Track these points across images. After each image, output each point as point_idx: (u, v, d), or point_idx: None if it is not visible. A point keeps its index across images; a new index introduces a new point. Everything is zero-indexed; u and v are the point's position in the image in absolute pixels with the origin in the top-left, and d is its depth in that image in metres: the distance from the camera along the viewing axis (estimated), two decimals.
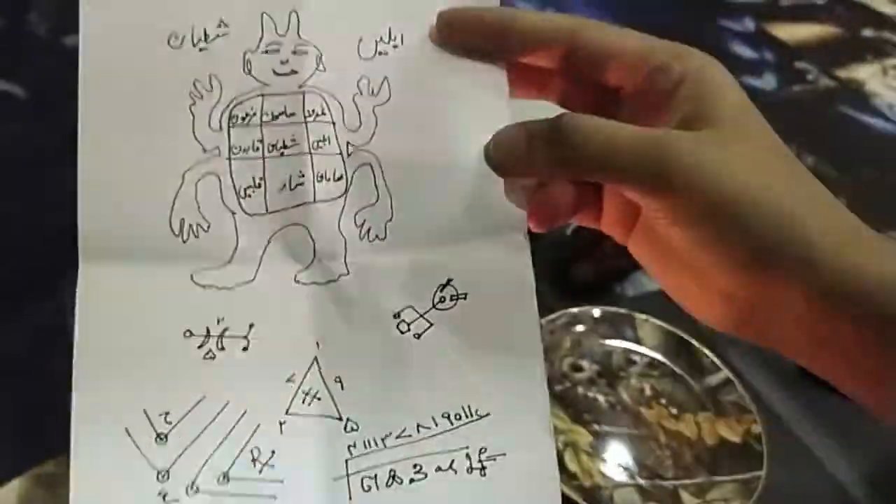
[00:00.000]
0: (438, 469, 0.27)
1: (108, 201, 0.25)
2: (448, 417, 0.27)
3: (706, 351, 0.62)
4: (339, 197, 0.27)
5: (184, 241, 0.26)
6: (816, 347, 0.25)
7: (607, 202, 0.30)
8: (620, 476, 0.53)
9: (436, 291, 0.28)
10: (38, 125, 0.78)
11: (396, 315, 0.27)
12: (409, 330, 0.27)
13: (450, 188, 0.28)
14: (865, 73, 1.07)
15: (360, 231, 0.27)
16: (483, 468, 0.27)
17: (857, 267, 0.23)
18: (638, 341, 0.63)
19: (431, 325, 0.28)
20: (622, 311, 0.64)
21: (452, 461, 0.27)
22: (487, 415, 0.28)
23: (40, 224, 0.66)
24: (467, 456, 0.27)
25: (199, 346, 0.26)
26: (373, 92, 0.28)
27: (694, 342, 0.62)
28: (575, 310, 0.64)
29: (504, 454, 0.28)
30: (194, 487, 0.25)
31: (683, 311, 0.70)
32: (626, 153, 0.24)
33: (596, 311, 0.64)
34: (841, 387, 0.26)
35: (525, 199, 0.29)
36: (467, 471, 0.27)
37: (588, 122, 0.25)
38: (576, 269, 0.68)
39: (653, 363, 0.62)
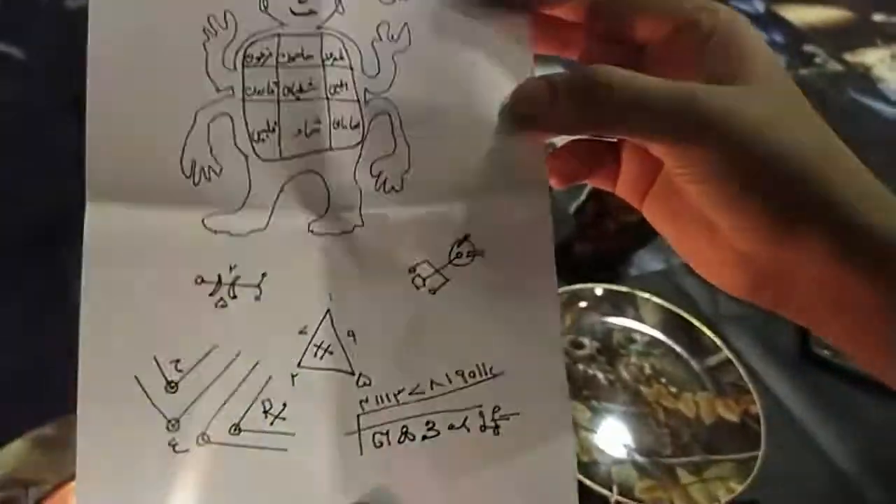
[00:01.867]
0: (451, 427, 0.27)
1: (117, 139, 0.24)
2: (462, 375, 0.27)
3: (707, 331, 0.62)
4: (356, 145, 0.26)
5: (195, 184, 0.25)
6: (835, 313, 0.25)
7: (626, 163, 0.30)
8: (618, 453, 0.53)
9: (452, 246, 0.27)
10: (38, 88, 0.77)
11: (412, 269, 0.27)
12: (424, 285, 0.27)
13: (469, 141, 0.27)
14: (874, 58, 1.06)
15: (376, 182, 0.27)
16: (496, 427, 0.27)
17: (887, 230, 0.23)
18: (639, 320, 0.63)
19: (447, 280, 0.27)
20: (624, 289, 0.64)
21: (466, 419, 0.27)
22: (502, 373, 0.27)
23: (40, 186, 0.65)
24: (480, 414, 0.27)
25: (211, 294, 0.25)
26: (392, 38, 0.27)
27: (695, 322, 0.62)
28: (577, 287, 0.63)
29: (518, 413, 0.27)
30: (205, 437, 0.25)
31: (684, 291, 0.70)
32: (658, 106, 0.24)
33: (598, 289, 0.64)
34: (856, 357, 0.25)
35: (546, 153, 0.28)
36: (480, 429, 0.27)
37: (617, 75, 0.24)
38: (577, 248, 0.68)
39: (653, 342, 0.62)
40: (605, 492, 0.48)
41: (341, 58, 0.26)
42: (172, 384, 0.24)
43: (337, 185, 0.26)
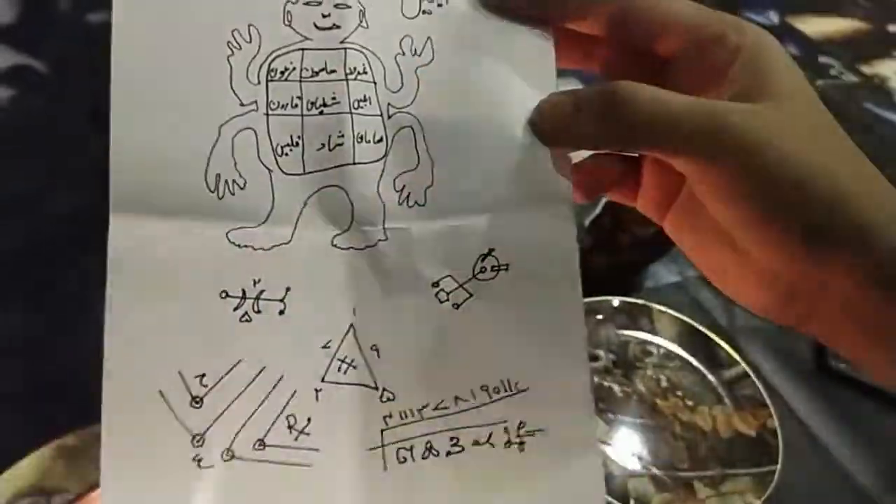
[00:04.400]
0: (476, 443, 0.27)
1: (142, 152, 0.24)
2: (487, 390, 0.27)
3: (723, 344, 0.62)
4: (379, 160, 0.26)
5: (219, 198, 0.25)
6: (862, 336, 0.24)
7: (647, 178, 0.30)
8: (634, 466, 0.53)
9: (476, 261, 0.27)
10: (59, 100, 0.78)
11: (435, 284, 0.27)
12: (447, 300, 0.27)
13: (493, 155, 0.27)
14: (890, 69, 1.06)
15: (400, 196, 0.26)
16: (521, 443, 0.27)
17: None
18: (655, 332, 0.63)
19: (471, 295, 0.27)
20: (640, 301, 0.64)
21: (490, 435, 0.27)
22: (527, 389, 0.27)
23: (63, 196, 0.66)
24: (505, 430, 0.27)
25: (236, 308, 0.25)
26: (415, 52, 0.27)
27: (711, 335, 0.62)
28: (592, 299, 0.63)
29: (543, 430, 0.27)
30: (229, 453, 0.25)
31: (700, 303, 0.70)
32: (682, 124, 0.23)
33: (614, 301, 0.64)
34: (886, 381, 0.25)
35: (570, 167, 0.28)
36: (505, 445, 0.27)
37: (642, 91, 0.24)
38: (593, 260, 0.68)
39: (669, 355, 0.62)
40: None
41: (364, 72, 0.26)
42: (197, 399, 0.24)
43: (360, 199, 0.26)
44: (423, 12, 0.27)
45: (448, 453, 0.27)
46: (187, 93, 0.25)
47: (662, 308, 0.64)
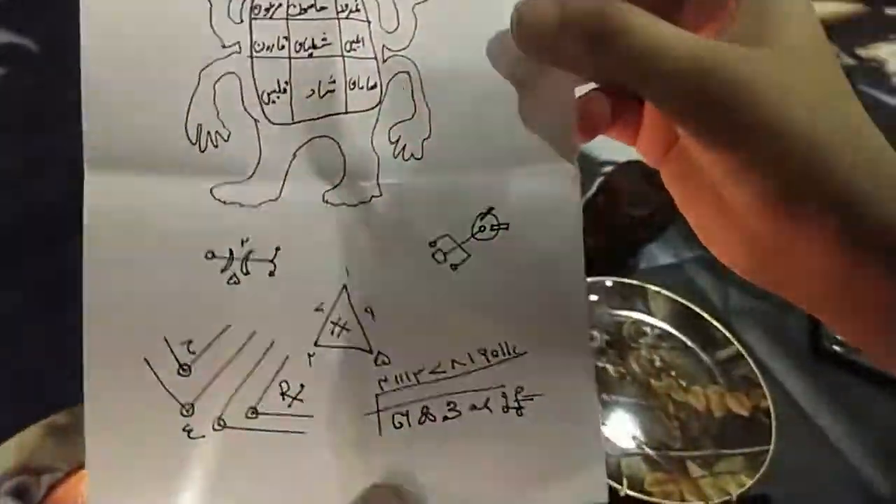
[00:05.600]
0: (473, 407, 0.26)
1: (116, 104, 0.22)
2: (484, 354, 0.26)
3: (717, 324, 0.61)
4: (373, 108, 0.24)
5: (201, 151, 0.23)
6: (841, 302, 0.23)
7: (647, 118, 0.28)
8: (628, 445, 0.53)
9: (475, 220, 0.26)
10: (50, 80, 0.77)
11: (432, 244, 0.25)
12: (445, 260, 0.26)
13: (494, 105, 0.25)
14: (887, 52, 1.05)
15: (395, 148, 0.25)
16: (519, 408, 0.26)
17: None
18: (649, 313, 0.63)
19: (469, 255, 0.26)
20: (634, 282, 0.63)
21: (487, 399, 0.26)
22: (525, 353, 0.26)
23: (49, 178, 0.65)
24: (503, 395, 0.26)
25: (223, 270, 0.24)
26: None
27: (705, 315, 0.62)
28: (587, 279, 0.63)
29: (542, 394, 0.26)
30: (221, 422, 0.24)
31: (695, 284, 0.70)
32: (667, 65, 0.22)
33: (608, 282, 0.63)
34: (864, 350, 0.24)
35: (577, 122, 0.26)
36: (503, 410, 0.26)
37: (636, 19, 0.22)
38: (587, 241, 0.67)
39: (663, 335, 0.62)
40: (615, 485, 0.48)
41: (357, 9, 0.24)
42: (185, 367, 0.23)
43: (353, 151, 0.24)
44: None
45: (445, 418, 0.26)
46: (163, 35, 0.23)
47: (657, 288, 0.63)
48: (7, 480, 0.42)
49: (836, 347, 0.64)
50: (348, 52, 0.24)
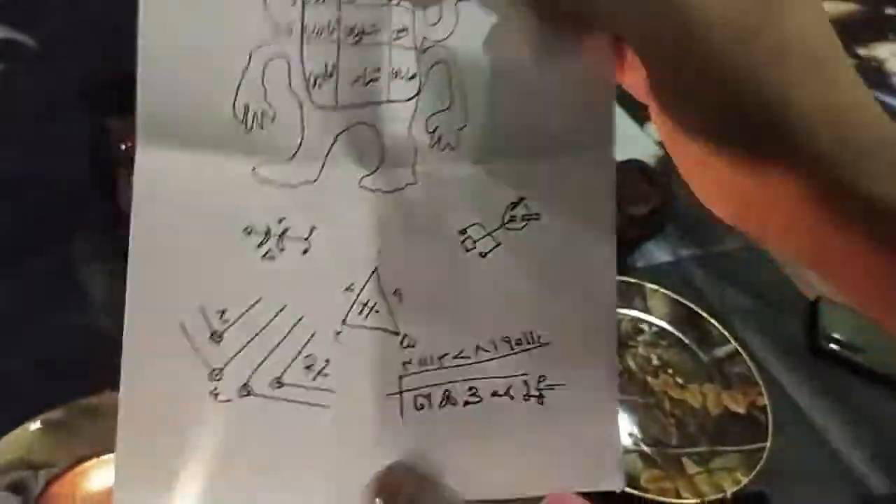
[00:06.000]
0: (495, 394, 0.26)
1: (170, 79, 0.23)
2: (509, 342, 0.26)
3: (715, 322, 0.62)
4: (412, 98, 0.25)
5: (247, 130, 0.24)
6: (821, 252, 0.22)
7: (627, 50, 0.26)
8: (625, 442, 0.53)
9: (506, 210, 0.26)
10: (49, 77, 0.77)
11: (462, 231, 0.26)
12: (474, 248, 0.26)
13: (530, 97, 0.25)
14: (886, 52, 1.05)
15: (431, 138, 0.25)
16: (541, 396, 0.26)
17: (875, 180, 0.20)
18: (647, 311, 0.63)
19: (499, 244, 0.26)
20: (632, 280, 0.64)
21: (510, 387, 0.26)
22: (549, 343, 0.26)
23: (49, 177, 0.65)
24: (525, 383, 0.26)
25: (259, 245, 0.24)
26: None
27: (703, 313, 0.62)
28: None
29: (564, 385, 0.27)
30: (246, 389, 0.24)
31: (692, 283, 0.70)
32: None
33: None
34: (852, 303, 0.23)
35: (613, 108, 0.26)
36: (524, 398, 0.26)
37: None
38: None
39: (661, 333, 0.62)
40: None
41: None
42: (217, 334, 0.24)
43: (391, 139, 0.25)
44: None
45: (466, 403, 0.26)
46: (218, 15, 0.23)
47: (655, 287, 0.63)
48: (5, 475, 0.42)
49: (833, 346, 0.64)
50: (394, 40, 0.25)
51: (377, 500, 0.25)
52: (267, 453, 0.25)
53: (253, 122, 0.24)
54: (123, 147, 0.53)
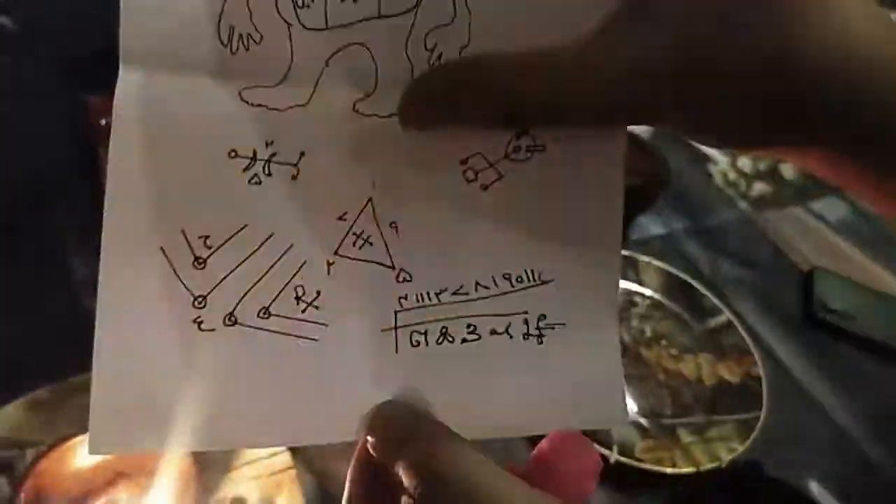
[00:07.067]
0: (493, 332, 0.25)
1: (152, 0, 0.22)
2: (509, 279, 0.25)
3: (708, 293, 0.61)
4: (409, 11, 0.23)
5: (232, 53, 0.23)
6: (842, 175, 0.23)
7: None
8: None
9: (510, 140, 0.24)
10: (28, 58, 0.76)
11: (463, 161, 0.24)
12: (475, 179, 0.25)
13: (539, 12, 0.23)
14: None
15: (431, 56, 0.23)
16: (540, 335, 0.26)
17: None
18: (640, 283, 0.62)
19: (501, 176, 0.25)
20: (625, 253, 0.63)
21: (509, 325, 0.26)
22: (551, 280, 0.25)
23: (29, 156, 0.64)
24: (525, 321, 0.26)
25: (245, 169, 0.23)
26: None
27: (696, 285, 0.62)
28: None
29: (564, 324, 0.26)
30: (232, 318, 0.24)
31: (686, 255, 0.69)
32: None
33: None
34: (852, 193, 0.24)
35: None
36: (523, 336, 0.26)
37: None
38: None
39: (654, 305, 0.61)
40: (605, 451, 0.48)
41: None
42: (200, 260, 0.23)
43: (386, 59, 0.23)
44: None
45: (463, 340, 0.25)
46: None
47: (647, 259, 0.63)
48: None
49: (827, 315, 0.64)
50: None
51: (369, 438, 0.24)
52: (254, 386, 0.24)
53: (238, 44, 0.23)
54: (103, 123, 0.52)
